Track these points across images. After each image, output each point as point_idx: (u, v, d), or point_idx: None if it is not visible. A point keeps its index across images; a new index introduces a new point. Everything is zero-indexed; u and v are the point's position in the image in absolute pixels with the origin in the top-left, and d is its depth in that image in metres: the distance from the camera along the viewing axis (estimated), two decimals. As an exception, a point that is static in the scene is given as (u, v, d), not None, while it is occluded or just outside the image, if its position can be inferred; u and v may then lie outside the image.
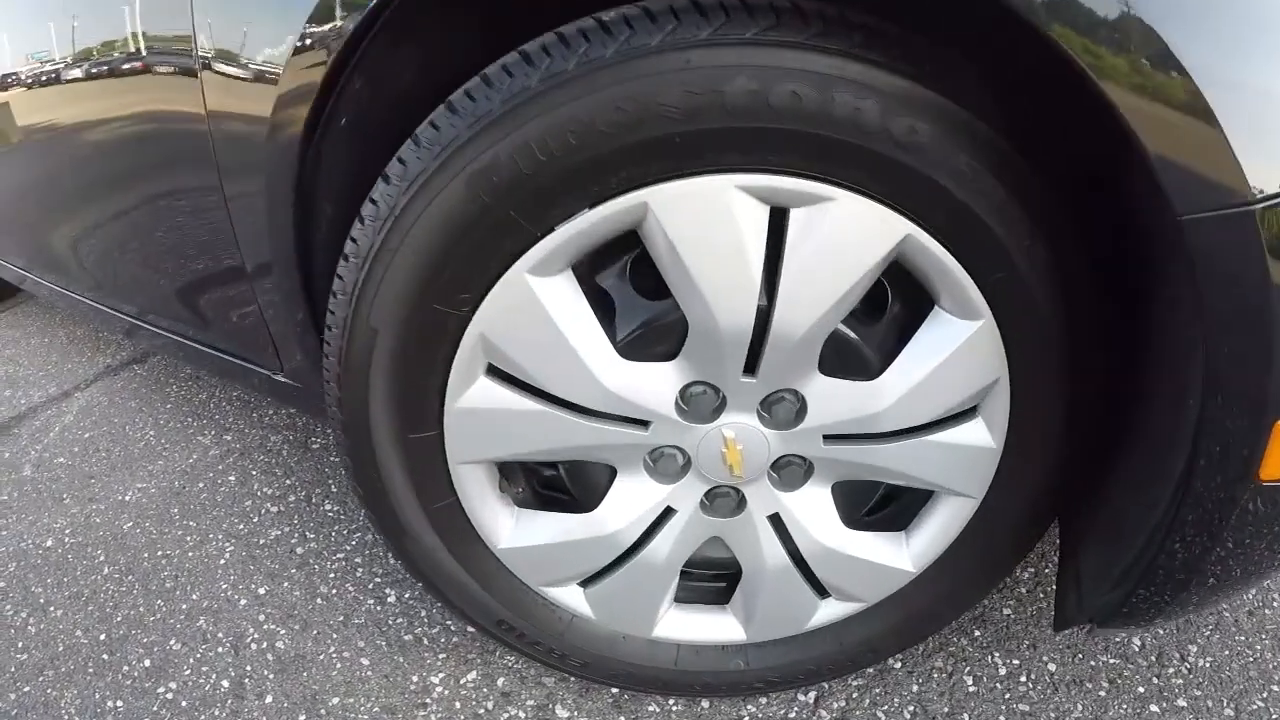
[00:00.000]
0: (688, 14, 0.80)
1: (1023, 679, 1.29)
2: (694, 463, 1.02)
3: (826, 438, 0.99)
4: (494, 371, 0.97)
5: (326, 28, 0.91)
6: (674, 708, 1.28)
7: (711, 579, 1.24)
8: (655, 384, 0.95)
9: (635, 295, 0.96)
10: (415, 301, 0.92)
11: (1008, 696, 1.26)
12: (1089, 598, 1.02)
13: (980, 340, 0.91)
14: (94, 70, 1.27)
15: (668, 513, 1.07)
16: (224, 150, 1.08)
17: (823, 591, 1.16)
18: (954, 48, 0.82)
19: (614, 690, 1.31)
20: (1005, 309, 0.89)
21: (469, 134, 0.85)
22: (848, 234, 0.84)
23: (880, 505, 1.15)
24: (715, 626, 1.21)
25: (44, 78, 1.41)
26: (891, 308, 0.97)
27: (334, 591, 1.54)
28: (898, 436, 0.99)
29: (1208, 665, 1.30)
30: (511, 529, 1.12)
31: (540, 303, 0.90)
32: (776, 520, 1.08)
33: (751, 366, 0.93)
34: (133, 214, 1.39)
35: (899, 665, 1.33)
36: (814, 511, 1.07)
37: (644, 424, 0.98)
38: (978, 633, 1.38)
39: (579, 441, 1.00)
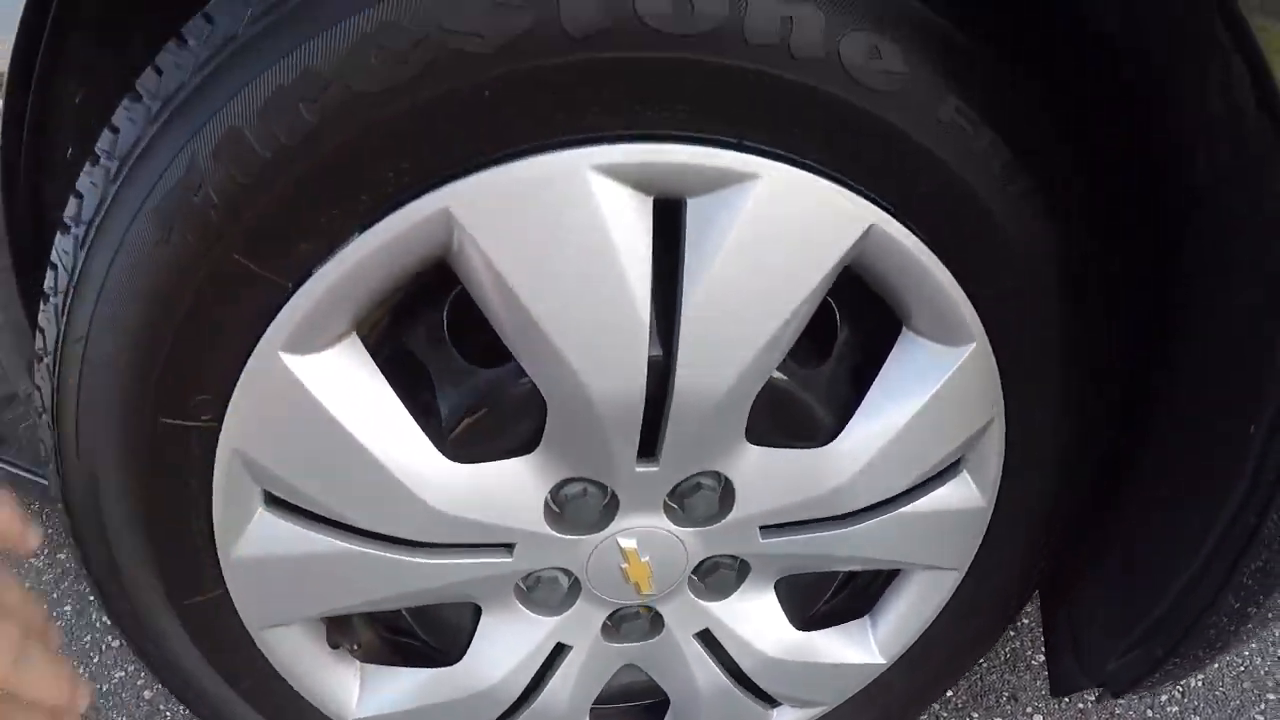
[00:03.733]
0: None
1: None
2: (585, 585, 0.62)
3: (765, 529, 0.61)
4: (276, 501, 0.55)
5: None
6: None
7: (633, 706, 0.83)
8: (510, 491, 0.55)
9: (462, 362, 0.55)
10: (132, 416, 0.49)
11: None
12: (1094, 660, 0.70)
13: (970, 373, 0.55)
14: None
15: (560, 650, 0.67)
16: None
17: (771, 700, 0.77)
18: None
19: None
20: (1005, 329, 0.53)
21: (152, 131, 0.44)
22: (781, 232, 0.46)
23: (836, 591, 0.77)
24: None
25: None
26: (842, 336, 0.60)
27: (185, 750, 1.08)
28: (861, 515, 0.61)
29: (1200, 685, 1.02)
30: (357, 696, 0.69)
31: (310, 394, 0.48)
32: (707, 637, 0.69)
33: (649, 448, 0.54)
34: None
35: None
36: (755, 619, 0.69)
37: (505, 547, 0.58)
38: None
39: (415, 585, 0.58)
